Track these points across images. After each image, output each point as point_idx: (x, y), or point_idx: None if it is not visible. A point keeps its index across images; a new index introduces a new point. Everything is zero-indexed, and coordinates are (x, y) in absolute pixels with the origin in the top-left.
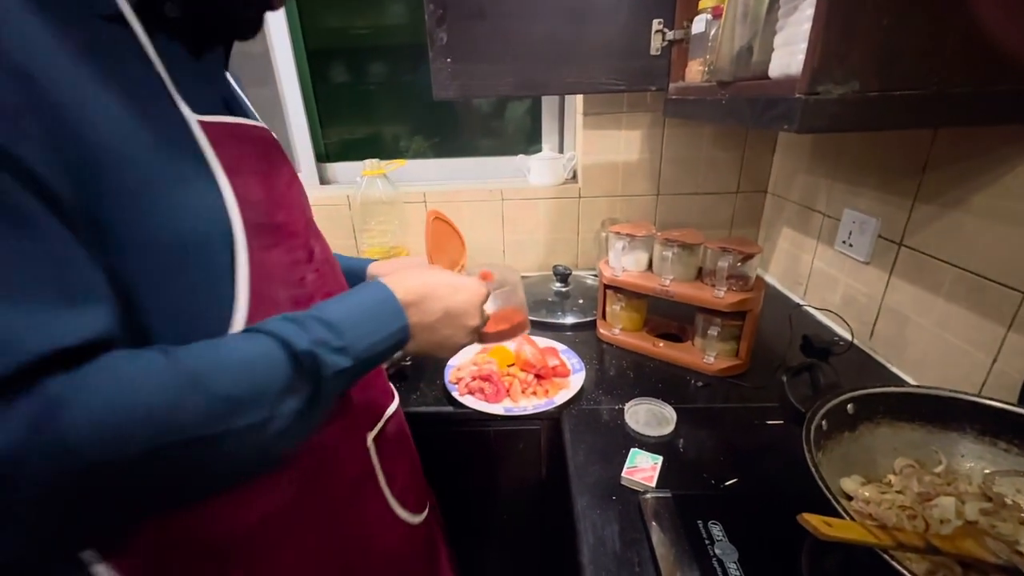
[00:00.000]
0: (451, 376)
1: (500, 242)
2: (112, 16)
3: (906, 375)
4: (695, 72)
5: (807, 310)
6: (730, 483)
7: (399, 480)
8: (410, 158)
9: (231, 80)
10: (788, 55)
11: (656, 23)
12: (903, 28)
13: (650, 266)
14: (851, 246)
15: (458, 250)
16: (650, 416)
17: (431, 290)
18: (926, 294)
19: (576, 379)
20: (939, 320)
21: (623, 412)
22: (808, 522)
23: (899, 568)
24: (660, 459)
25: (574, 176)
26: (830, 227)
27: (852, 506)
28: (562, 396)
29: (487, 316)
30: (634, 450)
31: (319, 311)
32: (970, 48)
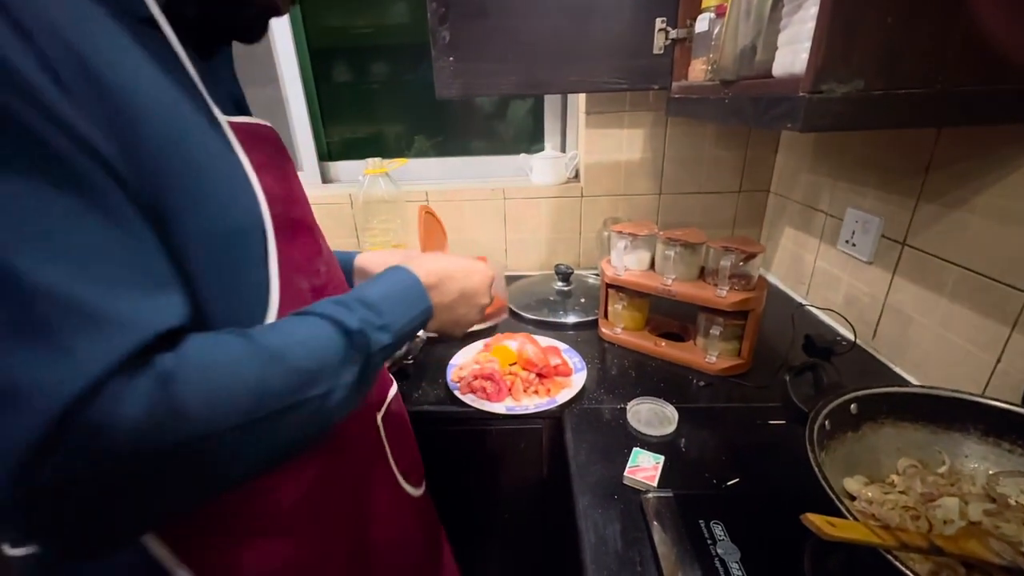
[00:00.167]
0: (453, 375)
1: (502, 241)
2: (146, 19)
3: (909, 375)
4: (698, 71)
5: (810, 310)
6: (732, 483)
7: (402, 456)
8: (412, 157)
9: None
10: (792, 54)
11: (659, 22)
12: (907, 27)
13: (652, 265)
14: (854, 245)
15: (443, 243)
16: (652, 415)
17: (448, 273)
18: (929, 294)
19: (578, 378)
20: (942, 320)
21: (625, 411)
22: (811, 522)
23: (902, 569)
24: (662, 458)
25: (576, 175)
26: (833, 226)
27: (855, 506)
28: (564, 395)
29: (493, 297)
30: (636, 449)
31: (360, 294)
32: (974, 47)
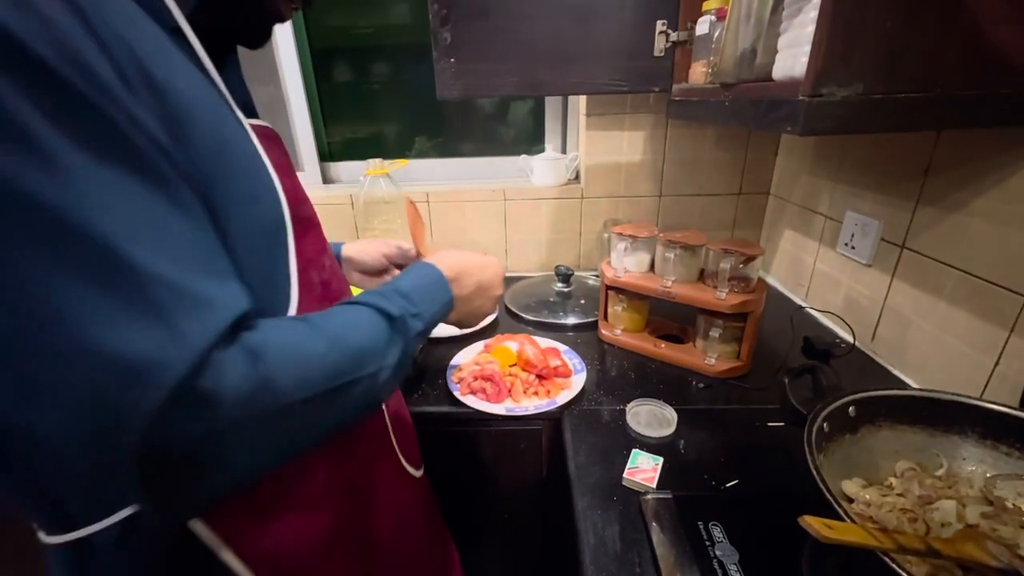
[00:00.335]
0: (453, 376)
1: (503, 242)
2: (173, 29)
3: (908, 378)
4: (698, 73)
5: (809, 312)
6: (731, 484)
7: (403, 438)
8: (413, 158)
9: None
10: (792, 57)
11: (660, 24)
12: (907, 31)
13: (652, 267)
14: (853, 248)
15: (423, 230)
16: (651, 417)
17: (466, 268)
18: (928, 297)
19: (577, 380)
20: (941, 323)
21: (624, 413)
22: (809, 524)
23: (899, 571)
24: (661, 460)
25: (577, 177)
26: (832, 229)
27: (853, 509)
28: (563, 396)
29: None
30: (635, 451)
31: (395, 286)
32: (973, 51)
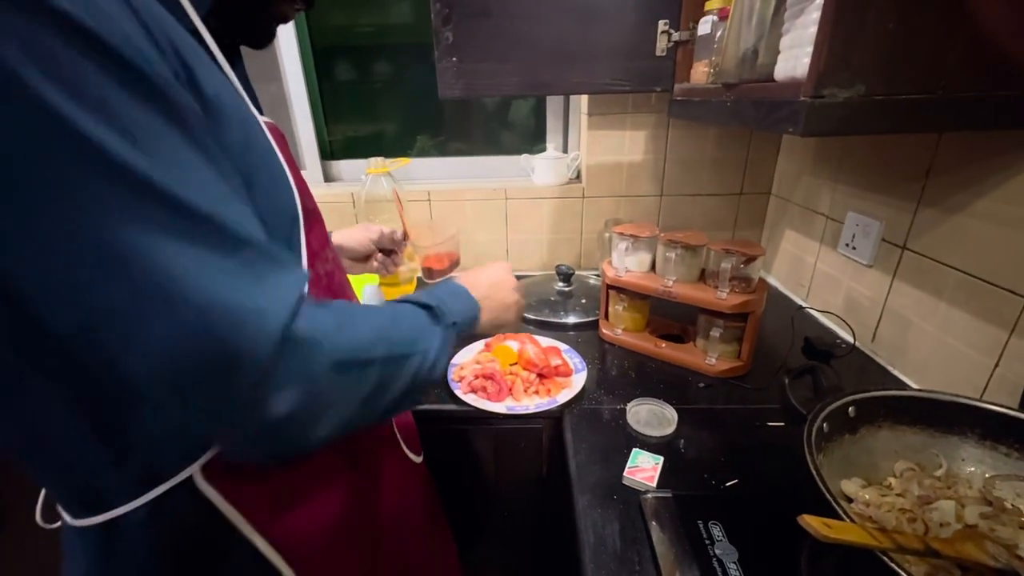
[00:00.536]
0: (454, 374)
1: (503, 241)
2: (191, 31)
3: (908, 378)
4: (700, 73)
5: (809, 312)
6: (731, 484)
7: (403, 426)
8: (414, 156)
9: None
10: (794, 58)
11: (662, 24)
12: (909, 32)
13: (653, 267)
14: (854, 249)
15: (402, 211)
16: (651, 416)
17: (476, 275)
18: (929, 298)
19: (578, 379)
20: (941, 324)
21: (625, 412)
22: (808, 524)
23: (898, 570)
24: (661, 459)
25: (578, 176)
26: (833, 230)
27: (852, 508)
28: (564, 395)
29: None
30: (635, 450)
31: (417, 295)
32: (975, 53)
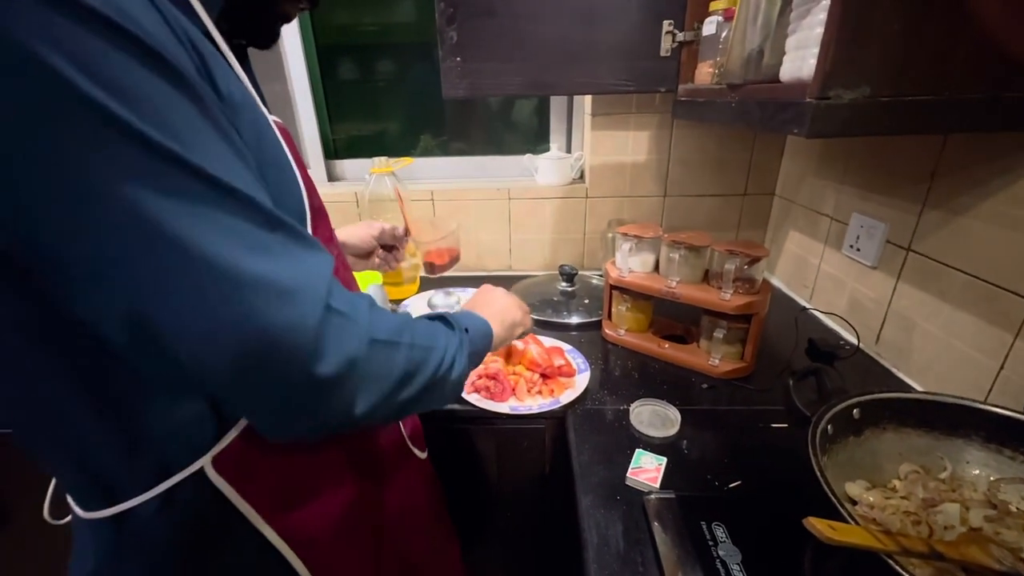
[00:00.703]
0: None
1: (507, 241)
2: (203, 33)
3: (912, 381)
4: (705, 74)
5: (813, 314)
6: (734, 485)
7: (408, 424)
8: (418, 156)
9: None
10: (799, 59)
11: (667, 24)
12: (915, 34)
13: (656, 267)
14: (859, 250)
15: (406, 207)
16: (655, 417)
17: (475, 299)
18: (933, 299)
19: (581, 379)
20: (946, 326)
21: (628, 413)
22: (813, 526)
23: (902, 573)
24: (664, 460)
25: (581, 176)
26: (838, 231)
27: (857, 511)
28: (567, 396)
29: (531, 325)
30: (639, 451)
31: (426, 314)
32: (981, 54)
